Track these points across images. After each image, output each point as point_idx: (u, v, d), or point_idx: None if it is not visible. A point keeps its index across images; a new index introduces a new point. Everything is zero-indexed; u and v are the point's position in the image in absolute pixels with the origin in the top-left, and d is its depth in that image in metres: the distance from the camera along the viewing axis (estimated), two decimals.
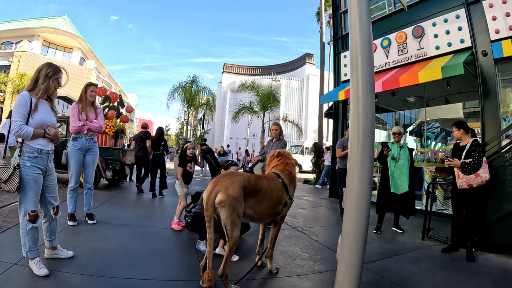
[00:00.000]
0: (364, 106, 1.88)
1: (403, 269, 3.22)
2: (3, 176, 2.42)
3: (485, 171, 3.75)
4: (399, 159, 4.84)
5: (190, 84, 17.34)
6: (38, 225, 2.58)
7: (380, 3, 8.14)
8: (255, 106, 20.06)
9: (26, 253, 2.52)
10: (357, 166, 1.88)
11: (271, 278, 2.79)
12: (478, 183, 3.76)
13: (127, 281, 2.52)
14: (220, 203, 2.31)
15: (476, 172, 3.77)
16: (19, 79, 21.67)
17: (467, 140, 4.02)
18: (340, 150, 6.17)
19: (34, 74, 2.69)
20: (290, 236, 4.28)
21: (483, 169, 3.76)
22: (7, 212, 4.22)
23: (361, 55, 1.95)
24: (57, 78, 2.74)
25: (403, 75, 6.23)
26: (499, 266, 3.45)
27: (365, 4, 2.05)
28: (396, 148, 4.97)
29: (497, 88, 5.43)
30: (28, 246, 2.51)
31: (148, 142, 7.30)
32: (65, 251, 2.87)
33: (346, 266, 1.93)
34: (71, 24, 29.98)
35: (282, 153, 3.09)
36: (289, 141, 22.05)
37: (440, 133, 8.03)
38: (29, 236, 2.51)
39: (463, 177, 3.87)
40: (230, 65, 43.15)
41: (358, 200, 1.88)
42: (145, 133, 7.45)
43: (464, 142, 4.04)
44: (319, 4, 20.64)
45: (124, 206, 5.77)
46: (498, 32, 5.37)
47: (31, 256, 2.51)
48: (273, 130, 5.07)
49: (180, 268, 2.92)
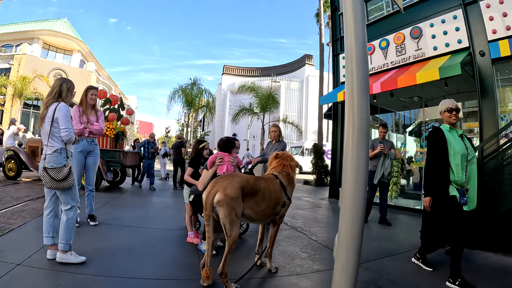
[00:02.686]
0: (359, 108, 1.92)
1: (401, 268, 3.26)
2: (59, 175, 2.74)
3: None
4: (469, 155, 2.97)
5: (191, 86, 17.38)
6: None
7: (378, 4, 8.20)
8: (255, 107, 20.11)
9: (69, 246, 2.79)
10: (352, 167, 1.93)
11: (271, 277, 2.83)
12: None
13: (130, 280, 2.56)
14: (219, 203, 2.37)
15: None
16: (20, 82, 21.72)
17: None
18: (370, 151, 5.50)
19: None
20: (289, 236, 4.32)
21: None
22: (9, 214, 4.27)
23: (356, 57, 2.00)
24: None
25: (401, 75, 6.27)
26: (497, 264, 3.48)
27: (359, 6, 2.09)
28: (456, 137, 3.02)
29: (495, 88, 5.48)
30: (71, 239, 2.82)
31: (184, 149, 9.35)
32: (76, 256, 2.85)
33: (343, 265, 1.97)
34: (71, 27, 30.05)
35: (280, 155, 3.14)
36: (289, 142, 22.12)
37: None
38: (73, 230, 2.87)
39: None
40: (230, 67, 43.24)
41: (353, 199, 1.93)
42: (180, 142, 9.64)
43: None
44: (318, 5, 20.72)
45: (126, 208, 5.81)
46: (495, 32, 5.42)
47: (71, 248, 2.81)
48: (272, 131, 5.11)
49: (182, 268, 2.96)
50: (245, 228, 4.27)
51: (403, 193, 8.10)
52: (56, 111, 2.78)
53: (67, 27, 29.33)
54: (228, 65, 43.25)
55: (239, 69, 43.20)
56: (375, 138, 6.04)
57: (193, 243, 3.71)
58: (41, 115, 2.85)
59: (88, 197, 4.26)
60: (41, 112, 2.87)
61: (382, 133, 5.73)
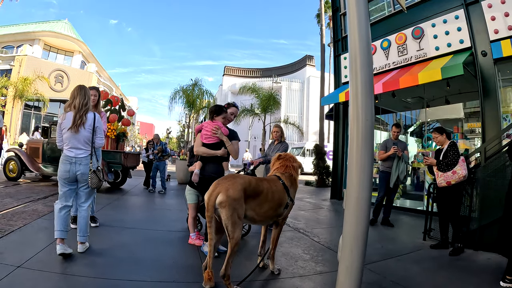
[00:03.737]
0: (364, 108, 1.90)
1: (404, 269, 3.23)
2: (102, 176, 3.21)
3: (462, 168, 3.91)
4: None
5: (192, 87, 17.35)
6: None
7: (380, 4, 8.18)
8: (256, 108, 20.05)
9: (86, 238, 3.11)
10: (357, 168, 1.90)
11: (273, 279, 2.80)
12: (456, 180, 3.93)
13: (130, 283, 2.53)
14: (221, 204, 2.35)
15: (453, 169, 3.94)
16: (21, 83, 21.74)
17: (446, 143, 4.21)
18: (382, 152, 5.53)
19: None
20: (292, 237, 4.29)
21: (460, 166, 3.92)
22: (10, 215, 4.25)
23: (360, 57, 1.98)
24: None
25: (403, 76, 6.25)
26: (500, 266, 3.44)
27: (363, 6, 2.07)
28: None
29: (497, 88, 5.45)
30: (88, 231, 3.15)
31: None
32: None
33: (347, 267, 1.95)
34: (72, 28, 30.09)
35: (283, 156, 3.12)
36: (290, 143, 22.07)
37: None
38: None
39: (441, 175, 4.06)
40: (231, 68, 43.30)
41: (358, 201, 1.90)
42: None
43: (444, 146, 4.23)
44: (319, 6, 20.70)
45: (127, 209, 5.79)
46: (497, 32, 5.39)
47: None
48: (275, 132, 5.09)
49: (183, 270, 2.93)
50: (247, 230, 4.25)
51: (405, 193, 8.07)
52: (97, 121, 3.19)
53: (68, 28, 29.38)
54: (229, 66, 43.35)
55: (240, 70, 43.25)
56: (388, 139, 5.84)
57: (195, 244, 3.68)
58: (77, 123, 3.04)
59: None
60: (77, 120, 3.05)
61: (396, 133, 5.54)
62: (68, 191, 3.07)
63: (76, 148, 3.06)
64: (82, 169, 3.06)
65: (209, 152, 3.33)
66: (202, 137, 3.38)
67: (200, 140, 3.40)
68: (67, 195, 3.07)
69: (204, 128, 3.40)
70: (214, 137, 3.35)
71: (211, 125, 3.38)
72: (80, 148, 3.07)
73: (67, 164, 3.03)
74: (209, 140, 3.36)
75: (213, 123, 3.39)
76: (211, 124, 3.39)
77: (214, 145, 3.36)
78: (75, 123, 3.04)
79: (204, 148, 3.35)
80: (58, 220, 2.95)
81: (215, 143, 3.36)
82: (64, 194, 3.05)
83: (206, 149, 3.34)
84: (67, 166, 3.03)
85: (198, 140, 3.42)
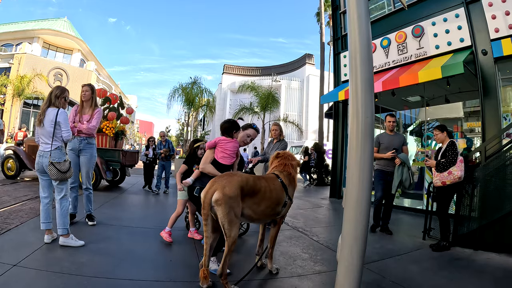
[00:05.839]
0: (364, 106, 1.87)
1: (404, 269, 3.21)
2: (64, 168, 3.26)
3: (458, 169, 3.90)
4: None
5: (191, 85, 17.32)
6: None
7: (380, 2, 8.15)
8: (255, 106, 20.05)
9: (67, 230, 3.20)
10: (357, 166, 1.87)
11: (271, 279, 2.78)
12: (451, 181, 3.93)
13: (128, 282, 2.51)
14: (217, 202, 2.32)
15: (449, 169, 3.94)
16: (18, 81, 21.68)
17: (446, 142, 4.19)
18: (376, 150, 4.82)
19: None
20: (290, 236, 4.27)
21: (457, 167, 3.91)
22: (7, 214, 4.22)
23: (360, 55, 1.95)
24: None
25: (403, 74, 6.22)
26: (500, 265, 3.43)
27: (363, 4, 2.05)
28: None
29: (497, 87, 5.43)
30: (68, 223, 3.24)
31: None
32: (76, 240, 3.26)
33: (347, 267, 1.93)
34: (71, 26, 29.99)
35: (281, 154, 3.09)
36: (290, 142, 22.06)
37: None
38: (68, 215, 3.30)
39: (437, 175, 4.07)
40: (230, 66, 43.16)
41: (357, 200, 1.88)
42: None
43: (444, 145, 4.21)
44: (319, 4, 20.67)
45: (125, 208, 5.77)
46: (498, 31, 5.37)
47: (69, 231, 3.23)
48: (274, 130, 5.06)
49: (180, 269, 2.91)
50: (245, 229, 4.23)
51: (404, 193, 8.05)
52: (58, 116, 3.30)
53: (67, 26, 29.28)
54: (228, 64, 43.16)
55: (239, 68, 43.12)
56: (381, 133, 5.06)
57: (194, 238, 3.81)
58: (39, 119, 3.31)
59: (85, 197, 4.20)
60: (39, 116, 3.33)
61: (391, 124, 4.86)
62: (43, 182, 3.32)
63: (43, 142, 3.31)
64: (45, 162, 3.25)
65: (216, 174, 2.92)
66: (218, 154, 3.08)
67: (210, 156, 3.09)
68: (43, 186, 3.32)
69: (223, 146, 3.08)
70: (232, 159, 3.11)
71: (232, 143, 3.11)
72: (46, 142, 3.29)
73: (38, 156, 3.32)
74: (226, 161, 3.09)
75: (234, 142, 3.14)
76: (233, 143, 3.13)
77: (226, 166, 3.09)
78: (38, 118, 3.35)
79: (212, 168, 3.02)
80: (41, 212, 3.24)
81: (228, 165, 3.10)
82: (41, 185, 3.32)
83: (214, 169, 3.00)
84: (38, 158, 3.32)
85: (208, 156, 3.10)
